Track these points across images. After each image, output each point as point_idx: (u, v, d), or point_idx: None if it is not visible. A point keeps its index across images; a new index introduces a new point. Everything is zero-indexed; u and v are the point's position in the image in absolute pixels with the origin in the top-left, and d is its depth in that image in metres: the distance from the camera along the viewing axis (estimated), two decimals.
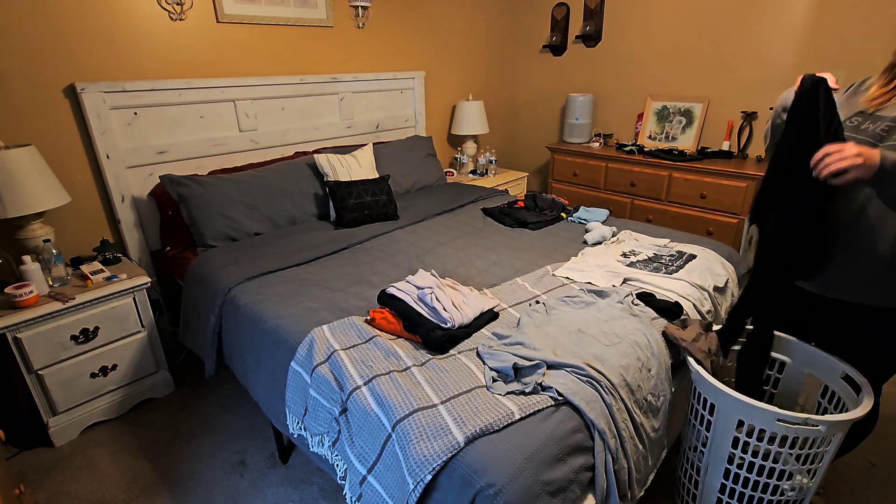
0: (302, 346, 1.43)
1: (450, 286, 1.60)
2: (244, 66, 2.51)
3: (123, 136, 2.15)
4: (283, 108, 2.67)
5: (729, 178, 2.81)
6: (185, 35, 2.27)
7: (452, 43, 3.59)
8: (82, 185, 2.12)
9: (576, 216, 2.53)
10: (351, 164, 2.57)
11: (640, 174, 3.19)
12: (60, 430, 1.90)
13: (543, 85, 4.07)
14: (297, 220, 2.44)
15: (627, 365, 1.31)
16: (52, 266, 1.86)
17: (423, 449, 1.06)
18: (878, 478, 1.74)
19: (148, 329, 2.07)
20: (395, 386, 1.22)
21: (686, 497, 1.54)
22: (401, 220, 2.49)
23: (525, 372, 1.26)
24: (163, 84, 2.19)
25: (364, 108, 3.08)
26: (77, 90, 1.97)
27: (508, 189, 3.65)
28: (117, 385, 2.02)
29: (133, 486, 1.72)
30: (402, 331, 1.46)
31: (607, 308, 1.55)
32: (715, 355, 1.40)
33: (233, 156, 2.52)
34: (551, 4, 3.78)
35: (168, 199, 2.22)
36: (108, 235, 2.24)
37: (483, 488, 0.99)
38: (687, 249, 2.04)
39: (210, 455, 1.86)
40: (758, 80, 2.96)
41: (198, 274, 1.98)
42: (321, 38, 2.80)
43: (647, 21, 3.33)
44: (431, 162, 3.17)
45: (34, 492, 1.70)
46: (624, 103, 3.63)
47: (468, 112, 3.56)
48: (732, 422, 1.28)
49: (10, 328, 1.69)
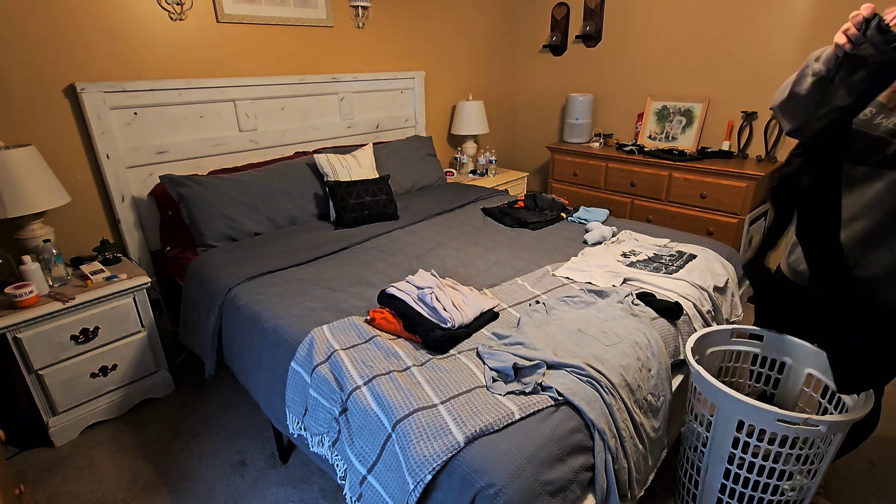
0: (302, 346, 1.43)
1: (450, 286, 1.60)
2: (244, 66, 2.51)
3: (123, 136, 2.15)
4: (283, 108, 2.67)
5: (729, 178, 2.80)
6: (185, 35, 2.27)
7: (452, 43, 3.59)
8: (82, 185, 2.12)
9: (576, 216, 2.53)
10: (351, 164, 2.57)
11: (640, 174, 3.19)
12: (60, 430, 1.90)
13: (543, 85, 4.06)
14: (297, 220, 2.44)
15: (627, 365, 1.31)
16: (52, 266, 1.86)
17: (423, 449, 1.06)
18: (879, 478, 1.74)
19: (148, 329, 2.07)
20: (395, 386, 1.22)
21: (686, 497, 1.54)
22: (401, 220, 2.49)
23: (525, 372, 1.26)
24: (163, 84, 2.19)
25: (364, 108, 3.08)
26: (77, 90, 1.97)
27: (508, 189, 3.65)
28: (117, 385, 2.02)
29: (133, 486, 1.72)
30: (402, 331, 1.46)
31: (607, 308, 1.55)
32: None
33: (233, 156, 2.52)
34: (551, 4, 3.78)
35: (168, 199, 2.22)
36: (108, 235, 2.24)
37: (483, 488, 0.99)
38: (687, 249, 2.04)
39: (210, 455, 1.86)
40: (758, 80, 2.96)
41: (198, 274, 1.98)
42: (321, 38, 2.80)
43: (647, 21, 3.33)
44: (431, 162, 3.17)
45: (34, 492, 1.70)
46: (624, 103, 3.63)
47: (468, 112, 3.55)
48: (732, 422, 1.28)
49: (10, 328, 1.69)
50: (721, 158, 3.04)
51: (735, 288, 1.94)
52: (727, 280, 1.89)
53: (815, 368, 1.43)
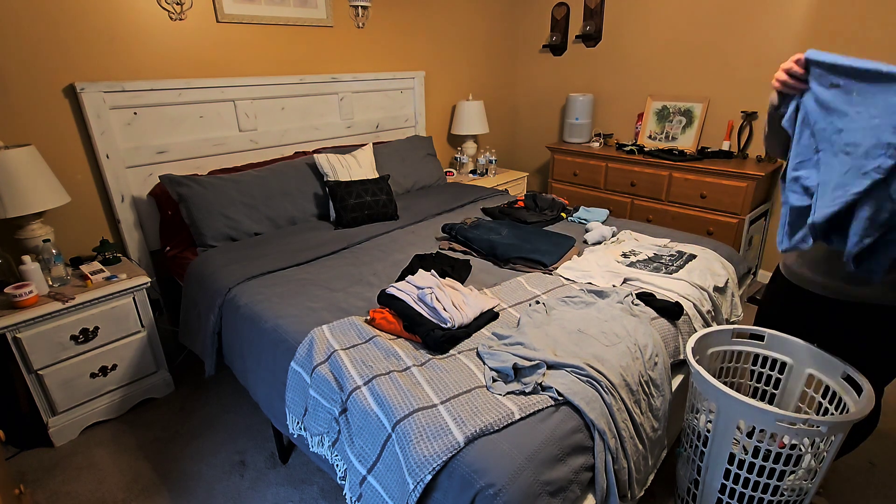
0: (302, 346, 1.43)
1: (450, 286, 1.60)
2: (244, 66, 2.51)
3: (123, 136, 2.14)
4: (283, 108, 2.67)
5: (729, 177, 2.81)
6: (185, 35, 2.27)
7: (452, 43, 3.59)
8: (82, 185, 2.12)
9: (576, 216, 2.53)
10: (351, 164, 2.56)
11: (640, 174, 3.19)
12: (60, 430, 1.90)
13: (543, 85, 4.07)
14: (297, 220, 2.44)
15: (627, 365, 1.31)
16: (51, 266, 1.86)
17: (423, 449, 1.06)
18: (878, 478, 1.74)
19: (148, 329, 2.07)
20: (395, 386, 1.22)
21: (686, 497, 1.54)
22: (401, 219, 2.49)
23: (525, 372, 1.26)
24: (163, 84, 2.18)
25: (364, 107, 3.08)
26: (77, 90, 1.97)
27: (508, 189, 3.65)
28: (117, 385, 2.02)
29: (133, 486, 1.72)
30: (402, 331, 1.46)
31: (607, 308, 1.55)
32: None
33: (233, 156, 2.52)
34: (551, 4, 3.78)
35: (168, 199, 2.22)
36: (108, 235, 2.24)
37: (483, 488, 0.99)
38: (687, 249, 2.04)
39: (210, 455, 1.86)
40: (758, 80, 2.96)
41: (198, 274, 1.98)
42: (321, 37, 2.80)
43: (648, 21, 3.33)
44: (431, 162, 3.17)
45: (34, 492, 1.70)
46: (624, 103, 3.63)
47: (468, 112, 3.55)
48: (732, 422, 1.28)
49: (10, 328, 1.69)
50: (721, 158, 3.04)
51: (735, 288, 1.94)
52: (727, 280, 1.88)
53: (815, 368, 1.43)
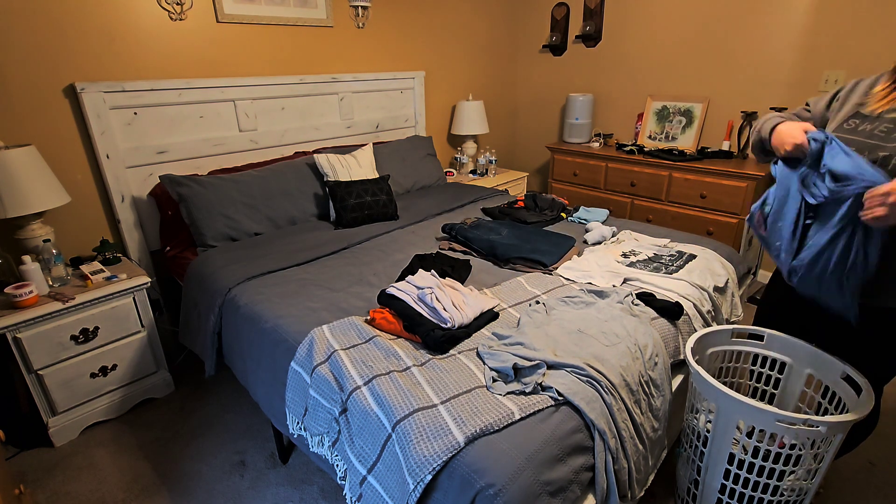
0: (302, 346, 1.43)
1: (450, 286, 1.60)
2: (244, 66, 2.51)
3: (123, 136, 2.14)
4: (283, 108, 2.67)
5: (729, 178, 2.81)
6: (185, 35, 2.27)
7: (452, 43, 3.59)
8: (82, 185, 2.12)
9: (576, 216, 2.53)
10: (351, 164, 2.56)
11: (640, 174, 3.19)
12: (60, 430, 1.90)
13: (543, 85, 4.07)
14: (297, 220, 2.44)
15: (627, 365, 1.31)
16: (51, 266, 1.86)
17: (423, 449, 1.06)
18: (878, 478, 1.74)
19: (148, 329, 2.07)
20: (395, 386, 1.22)
21: (686, 497, 1.54)
22: (401, 219, 2.49)
23: (525, 372, 1.26)
24: (163, 84, 2.18)
25: (364, 108, 3.08)
26: (77, 90, 1.97)
27: (508, 189, 3.65)
28: (117, 385, 2.02)
29: (133, 486, 1.72)
30: (402, 331, 1.46)
31: (607, 308, 1.55)
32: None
33: (233, 156, 2.52)
34: (551, 4, 3.78)
35: (168, 199, 2.22)
36: (108, 235, 2.24)
37: (483, 488, 0.99)
38: (687, 249, 2.04)
39: (210, 455, 1.86)
40: (758, 80, 2.96)
41: (198, 274, 1.98)
42: (321, 38, 2.80)
43: (647, 21, 3.33)
44: (431, 162, 3.17)
45: (34, 492, 1.70)
46: (624, 103, 3.63)
47: (468, 112, 3.55)
48: (732, 422, 1.28)
49: (10, 328, 1.69)
50: (721, 158, 3.04)
51: (735, 288, 1.94)
52: (727, 280, 1.88)
53: (814, 368, 1.43)
